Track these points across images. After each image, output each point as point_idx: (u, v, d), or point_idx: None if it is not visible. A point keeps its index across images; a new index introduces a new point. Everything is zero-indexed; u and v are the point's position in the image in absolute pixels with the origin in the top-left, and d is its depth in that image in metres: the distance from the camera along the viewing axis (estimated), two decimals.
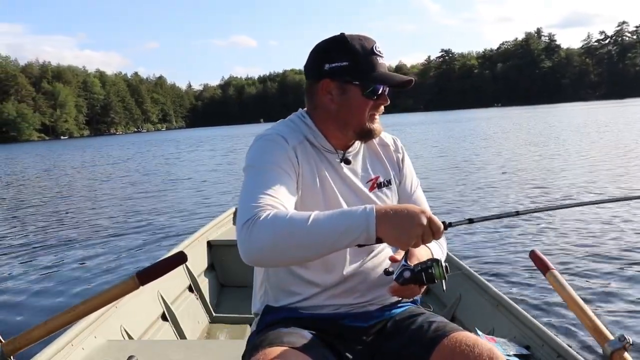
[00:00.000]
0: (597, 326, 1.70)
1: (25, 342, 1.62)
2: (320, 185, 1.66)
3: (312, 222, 1.36)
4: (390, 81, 1.63)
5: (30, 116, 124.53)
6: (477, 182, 11.91)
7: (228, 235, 4.58)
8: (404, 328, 1.65)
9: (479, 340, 1.50)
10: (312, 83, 1.69)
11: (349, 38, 1.63)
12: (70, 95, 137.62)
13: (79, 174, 24.07)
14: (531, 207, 1.78)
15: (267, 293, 1.73)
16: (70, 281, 6.43)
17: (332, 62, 1.62)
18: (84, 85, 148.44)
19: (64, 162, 33.52)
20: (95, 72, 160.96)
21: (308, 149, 1.68)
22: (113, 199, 14.02)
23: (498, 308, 2.65)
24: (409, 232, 1.37)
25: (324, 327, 1.64)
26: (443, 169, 15.23)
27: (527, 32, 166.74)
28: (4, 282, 6.62)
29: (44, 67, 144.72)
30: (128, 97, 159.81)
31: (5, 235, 9.96)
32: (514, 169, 13.96)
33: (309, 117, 1.73)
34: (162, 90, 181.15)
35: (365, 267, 1.70)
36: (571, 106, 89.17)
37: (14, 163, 37.62)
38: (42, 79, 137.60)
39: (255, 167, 1.57)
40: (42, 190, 17.64)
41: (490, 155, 18.31)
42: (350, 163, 1.73)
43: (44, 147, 72.90)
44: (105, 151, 45.64)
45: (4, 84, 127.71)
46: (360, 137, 1.70)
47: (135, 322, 2.88)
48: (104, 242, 8.60)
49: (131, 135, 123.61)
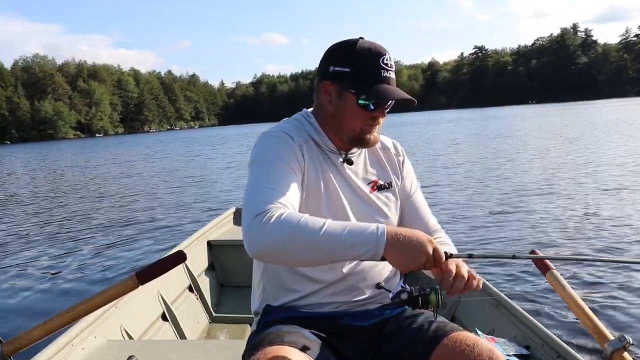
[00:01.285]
0: (597, 326, 1.71)
1: (25, 342, 1.63)
2: (323, 185, 1.67)
3: (324, 231, 1.37)
4: (385, 97, 1.60)
5: (67, 114, 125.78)
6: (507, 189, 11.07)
7: (228, 235, 4.58)
8: (404, 328, 1.66)
9: (479, 340, 1.50)
10: (318, 82, 1.70)
11: (359, 45, 1.61)
12: (105, 94, 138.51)
13: (79, 174, 23.98)
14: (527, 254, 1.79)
15: (265, 291, 1.74)
16: (70, 281, 6.44)
17: (336, 66, 1.63)
18: (119, 83, 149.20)
19: (63, 163, 33.60)
20: (129, 71, 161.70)
21: (313, 148, 1.69)
22: (114, 199, 14.02)
23: (498, 308, 2.64)
24: (414, 259, 1.39)
25: (324, 326, 1.64)
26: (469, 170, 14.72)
27: (563, 28, 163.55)
28: (4, 282, 6.63)
29: (80, 66, 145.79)
30: (161, 95, 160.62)
31: (5, 235, 9.98)
32: (553, 171, 13.19)
33: (313, 117, 1.74)
34: (195, 88, 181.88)
35: (364, 265, 1.70)
36: (609, 103, 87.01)
37: (11, 162, 38.02)
38: (78, 77, 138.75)
39: (263, 162, 1.58)
40: (42, 190, 17.67)
41: (526, 157, 16.97)
42: (353, 164, 1.74)
43: (79, 144, 73.33)
44: (113, 151, 45.67)
45: (41, 83, 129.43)
46: (354, 143, 1.70)
47: (135, 322, 2.88)
48: (104, 242, 8.61)
49: (164, 133, 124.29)
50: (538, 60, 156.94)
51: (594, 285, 5.00)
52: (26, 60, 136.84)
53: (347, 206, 1.70)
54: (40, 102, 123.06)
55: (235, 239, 4.35)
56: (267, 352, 1.41)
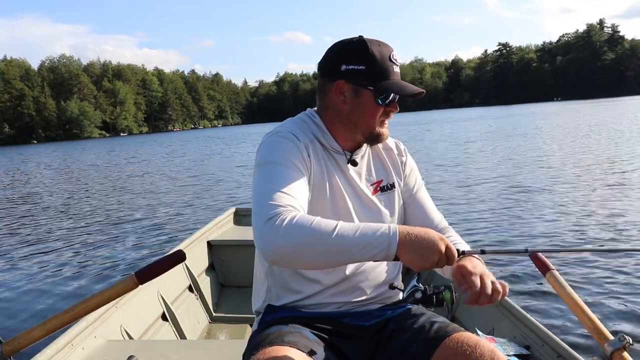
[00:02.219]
0: (597, 326, 1.71)
1: (25, 342, 1.63)
2: (328, 186, 1.67)
3: (337, 234, 1.37)
4: (404, 91, 1.63)
5: (92, 114, 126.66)
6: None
7: (228, 235, 4.57)
8: (406, 328, 1.66)
9: (480, 340, 1.50)
10: (326, 82, 1.69)
11: (368, 42, 1.63)
12: (130, 93, 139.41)
13: (87, 174, 24.09)
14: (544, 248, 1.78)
15: (269, 291, 1.74)
16: (69, 281, 6.45)
17: (349, 64, 1.62)
18: (143, 83, 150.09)
19: (79, 163, 33.61)
20: (153, 70, 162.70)
21: (318, 149, 1.69)
22: (114, 199, 14.03)
23: (498, 308, 2.63)
24: (427, 257, 1.39)
25: (325, 325, 1.65)
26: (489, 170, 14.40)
27: (589, 24, 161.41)
28: (4, 282, 6.63)
29: (105, 66, 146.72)
30: (185, 95, 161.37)
31: (4, 235, 10.00)
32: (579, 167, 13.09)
33: (318, 117, 1.74)
34: (219, 87, 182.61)
35: (367, 266, 1.71)
36: (637, 99, 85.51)
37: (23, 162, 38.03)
38: (103, 77, 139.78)
39: (271, 163, 1.57)
40: (44, 190, 17.72)
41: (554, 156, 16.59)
42: (357, 165, 1.75)
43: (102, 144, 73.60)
44: (132, 150, 45.64)
45: (67, 83, 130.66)
46: (369, 140, 1.72)
47: (135, 322, 2.88)
48: (104, 242, 8.59)
49: (187, 132, 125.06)
50: (563, 57, 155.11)
51: (594, 285, 5.00)
52: (53, 60, 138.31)
53: (351, 207, 1.70)
54: (66, 102, 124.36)
55: (235, 239, 4.36)
56: (268, 352, 1.42)
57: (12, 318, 5.28)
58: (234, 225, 4.90)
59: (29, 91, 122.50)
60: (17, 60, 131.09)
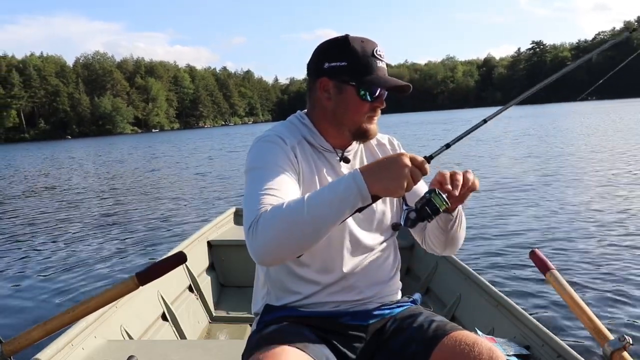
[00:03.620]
0: (597, 326, 1.71)
1: (25, 342, 1.66)
2: (319, 185, 1.66)
3: (308, 204, 1.36)
4: (385, 84, 1.62)
5: (124, 110, 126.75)
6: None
7: (228, 235, 4.57)
8: (405, 327, 1.66)
9: (478, 339, 1.50)
10: (312, 81, 1.71)
11: (350, 40, 1.63)
12: (162, 90, 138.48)
13: (81, 173, 23.86)
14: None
15: (269, 293, 1.74)
16: (70, 281, 6.42)
17: (331, 62, 1.63)
18: (175, 79, 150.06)
19: (95, 159, 33.76)
20: (185, 67, 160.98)
21: (306, 149, 1.69)
22: (115, 199, 13.96)
23: (498, 308, 2.65)
24: (398, 176, 1.37)
25: (324, 325, 1.65)
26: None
27: (626, 21, 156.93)
28: (4, 282, 6.62)
29: (138, 63, 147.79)
30: (216, 91, 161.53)
31: (4, 234, 9.98)
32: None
33: (307, 118, 1.75)
34: (249, 84, 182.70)
35: (364, 264, 1.71)
36: None
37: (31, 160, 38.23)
38: (135, 74, 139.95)
39: (257, 169, 1.57)
40: (45, 189, 17.62)
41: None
42: (349, 162, 1.74)
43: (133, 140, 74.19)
44: (158, 147, 45.20)
45: (101, 80, 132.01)
46: (356, 137, 1.70)
47: (135, 322, 2.89)
48: (104, 242, 8.58)
49: (218, 128, 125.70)
50: (599, 55, 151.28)
51: (594, 285, 4.97)
52: (87, 57, 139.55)
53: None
54: (99, 98, 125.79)
55: (235, 239, 4.36)
56: (267, 352, 1.42)
57: (12, 318, 5.28)
58: (234, 225, 4.90)
59: (64, 87, 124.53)
60: (52, 56, 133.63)
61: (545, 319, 4.20)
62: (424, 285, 3.62)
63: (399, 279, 1.86)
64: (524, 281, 5.14)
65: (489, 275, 5.24)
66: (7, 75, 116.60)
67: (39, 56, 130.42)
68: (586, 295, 4.65)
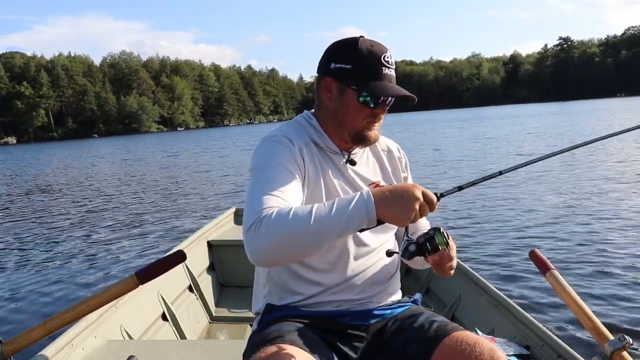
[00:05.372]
0: (597, 326, 1.71)
1: (25, 342, 1.67)
2: (324, 186, 1.67)
3: (315, 218, 1.35)
4: (386, 93, 1.61)
5: (150, 109, 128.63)
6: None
7: (228, 235, 4.58)
8: (405, 327, 1.67)
9: (480, 339, 1.50)
10: (318, 79, 1.71)
11: (360, 42, 1.62)
12: (187, 89, 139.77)
13: (81, 173, 24.00)
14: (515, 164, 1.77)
15: (271, 293, 1.75)
16: (70, 281, 6.46)
17: (337, 63, 1.63)
18: (200, 78, 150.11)
19: (60, 160, 33.77)
20: (210, 66, 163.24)
21: (313, 151, 1.69)
22: (114, 199, 14.02)
23: (498, 308, 2.65)
24: (407, 208, 1.37)
25: (325, 325, 1.66)
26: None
27: None
28: (4, 282, 6.66)
29: (163, 62, 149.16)
30: (241, 90, 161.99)
31: (3, 235, 10.05)
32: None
33: (314, 118, 1.75)
34: (274, 83, 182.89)
35: (365, 264, 1.72)
36: None
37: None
38: (161, 73, 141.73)
39: (262, 169, 1.57)
40: (46, 189, 17.75)
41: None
42: (355, 164, 1.75)
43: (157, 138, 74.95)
44: (178, 146, 45.23)
45: (127, 79, 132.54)
46: (355, 141, 1.70)
47: (135, 322, 2.89)
48: (104, 242, 8.61)
49: (243, 126, 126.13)
50: (628, 51, 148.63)
51: (594, 285, 4.95)
52: (113, 57, 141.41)
53: None
54: (125, 97, 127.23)
55: (235, 239, 4.36)
56: (268, 351, 1.43)
57: (12, 318, 5.30)
58: (234, 225, 4.90)
59: (91, 86, 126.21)
60: (80, 56, 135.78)
61: (545, 319, 4.21)
62: (424, 286, 3.61)
63: (400, 279, 1.87)
64: (524, 281, 5.14)
65: (489, 275, 5.24)
66: (36, 75, 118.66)
67: (67, 56, 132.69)
68: (586, 295, 4.63)
